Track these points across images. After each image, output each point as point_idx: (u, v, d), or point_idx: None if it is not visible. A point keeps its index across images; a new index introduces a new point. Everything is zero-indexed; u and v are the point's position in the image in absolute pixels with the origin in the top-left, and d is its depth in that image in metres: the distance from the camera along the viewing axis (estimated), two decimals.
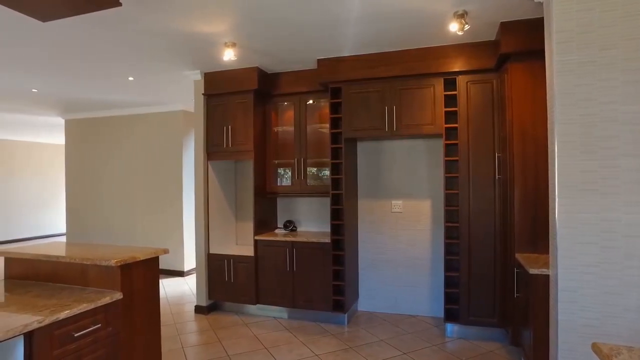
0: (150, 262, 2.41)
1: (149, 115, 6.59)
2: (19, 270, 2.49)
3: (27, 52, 3.87)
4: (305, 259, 4.18)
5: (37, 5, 2.36)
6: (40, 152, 10.77)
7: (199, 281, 4.57)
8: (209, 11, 2.98)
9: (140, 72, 4.56)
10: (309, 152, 4.47)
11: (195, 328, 4.12)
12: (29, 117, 7.38)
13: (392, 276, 4.43)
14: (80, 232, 7.18)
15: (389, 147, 4.47)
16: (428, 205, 4.33)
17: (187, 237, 6.32)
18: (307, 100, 4.47)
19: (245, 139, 4.37)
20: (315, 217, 4.72)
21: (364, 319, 4.29)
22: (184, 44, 3.66)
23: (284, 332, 3.96)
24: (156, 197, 6.52)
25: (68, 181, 7.34)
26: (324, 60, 4.07)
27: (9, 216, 10.04)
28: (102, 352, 2.05)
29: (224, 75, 4.44)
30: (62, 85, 5.15)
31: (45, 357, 1.78)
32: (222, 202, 4.80)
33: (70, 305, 1.93)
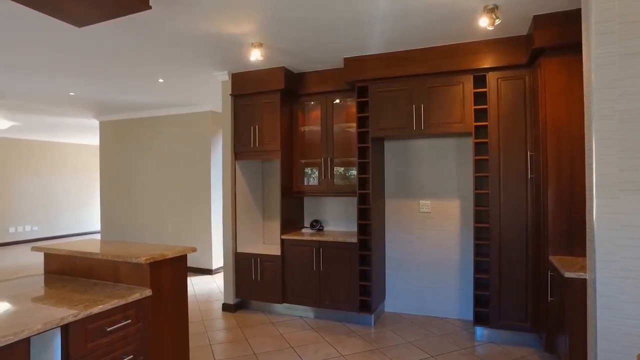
0: (178, 260, 2.46)
1: (178, 116, 6.74)
2: (57, 266, 2.58)
3: (65, 57, 4.03)
4: (332, 258, 4.16)
5: (73, 11, 2.44)
6: (77, 153, 11.20)
7: (227, 279, 4.63)
8: (236, 12, 3.02)
9: (169, 74, 4.66)
10: (336, 152, 4.46)
11: (223, 326, 4.18)
12: (66, 119, 7.69)
13: (419, 277, 4.36)
14: (113, 230, 7.42)
15: (416, 146, 4.40)
16: (457, 205, 4.24)
17: (215, 235, 6.42)
18: (334, 99, 4.46)
19: (272, 138, 4.40)
20: (342, 216, 4.70)
21: (390, 320, 4.24)
22: (211, 45, 3.71)
23: (310, 332, 3.96)
24: (185, 196, 6.65)
25: (102, 181, 7.60)
26: (350, 59, 4.05)
27: (49, 214, 10.49)
28: (133, 347, 2.10)
29: (251, 75, 4.48)
30: (97, 88, 5.32)
31: (80, 349, 1.84)
32: (249, 201, 4.85)
33: (103, 300, 1.99)
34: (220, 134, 6.50)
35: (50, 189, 10.53)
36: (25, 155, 10.02)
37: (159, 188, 6.93)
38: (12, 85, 5.17)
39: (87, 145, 11.34)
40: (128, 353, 2.07)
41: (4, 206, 9.38)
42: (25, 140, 10.00)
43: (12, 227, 9.71)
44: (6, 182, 9.48)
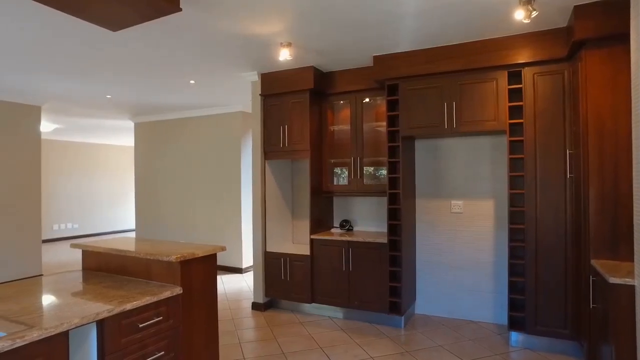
0: (208, 258, 2.48)
1: (209, 116, 6.86)
2: (94, 262, 2.67)
3: (102, 61, 4.17)
4: (362, 259, 4.12)
5: (108, 15, 2.52)
6: (113, 154, 11.61)
7: (256, 278, 4.67)
8: (265, 12, 3.03)
9: (200, 75, 4.75)
10: (366, 151, 4.41)
11: (252, 324, 4.21)
12: (104, 121, 7.98)
13: (451, 279, 4.26)
14: (147, 228, 7.64)
15: (448, 144, 4.29)
16: (490, 205, 4.10)
17: (245, 235, 6.50)
18: (363, 98, 4.41)
19: (301, 138, 4.40)
20: (372, 216, 4.65)
21: (421, 322, 4.16)
22: (241, 45, 3.75)
23: (339, 332, 3.94)
24: (216, 195, 6.76)
25: (137, 181, 7.84)
26: (380, 57, 3.99)
27: (88, 212, 10.93)
28: (164, 344, 2.14)
29: (280, 75, 4.50)
30: (132, 90, 5.49)
31: (115, 344, 1.89)
32: (278, 201, 4.87)
33: (136, 297, 2.03)
34: (250, 134, 6.57)
35: (89, 188, 10.97)
36: (67, 156, 10.47)
37: (190, 188, 7.08)
38: (55, 90, 5.41)
39: (123, 146, 11.74)
40: (160, 349, 2.11)
41: (49, 205, 9.82)
42: (66, 142, 10.46)
43: (56, 225, 10.18)
44: (50, 181, 9.93)
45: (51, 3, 2.29)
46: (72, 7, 2.36)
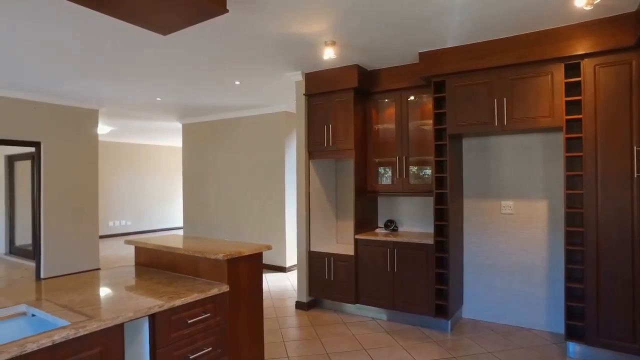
0: (254, 257, 2.51)
1: (253, 117, 6.98)
2: (145, 259, 2.78)
3: (152, 65, 4.34)
4: (407, 260, 4.03)
5: (158, 20, 2.60)
6: (163, 154, 12.10)
7: (300, 278, 4.68)
8: (309, 11, 3.02)
9: (245, 76, 4.83)
10: (411, 150, 4.31)
11: (296, 323, 4.23)
12: (154, 123, 8.33)
13: (501, 283, 4.07)
14: (194, 226, 7.89)
15: (498, 143, 4.11)
16: (544, 206, 3.89)
17: (289, 234, 6.55)
18: (409, 96, 4.32)
19: (345, 137, 4.37)
20: (418, 217, 4.54)
21: (468, 327, 4.01)
22: (285, 45, 3.77)
23: (384, 334, 3.87)
24: (261, 195, 6.87)
25: (185, 180, 8.12)
26: (426, 53, 3.88)
27: (140, 210, 11.46)
28: (211, 340, 2.18)
29: (324, 74, 4.49)
30: (180, 92, 5.68)
31: (165, 338, 1.94)
32: (323, 200, 4.86)
33: (185, 294, 2.08)
34: (294, 134, 6.62)
35: (141, 187, 11.49)
36: (120, 156, 11.03)
37: (236, 187, 7.23)
38: (111, 94, 5.70)
39: (172, 147, 12.21)
40: (208, 345, 2.15)
41: (105, 203, 10.38)
42: (120, 143, 11.02)
43: (111, 222, 10.75)
44: (106, 181, 10.49)
45: (104, 9, 2.40)
46: (123, 13, 2.46)
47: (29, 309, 1.93)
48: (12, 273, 6.84)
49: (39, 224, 5.97)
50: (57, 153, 6.07)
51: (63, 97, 5.97)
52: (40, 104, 5.86)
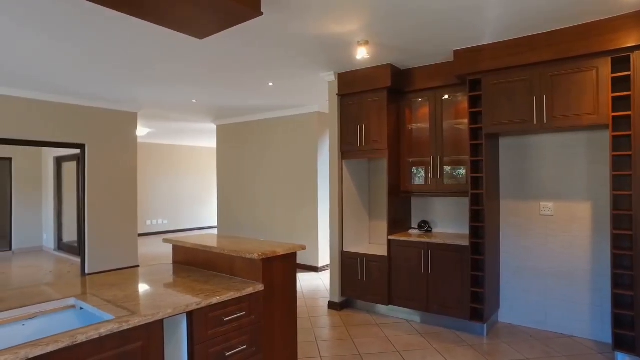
0: (289, 257, 2.53)
1: (286, 117, 7.05)
2: (182, 257, 2.86)
3: (189, 68, 4.46)
4: (441, 261, 3.96)
5: (195, 24, 2.67)
6: (198, 155, 12.41)
7: (333, 278, 4.69)
8: (342, 11, 3.02)
9: (278, 77, 4.88)
10: (445, 150, 4.24)
11: (328, 323, 4.24)
12: (189, 124, 8.56)
13: (540, 287, 3.93)
14: (228, 226, 8.05)
15: (537, 142, 3.97)
16: (587, 208, 3.72)
17: (321, 234, 6.58)
18: (443, 95, 4.24)
19: (379, 137, 4.34)
20: (452, 218, 4.45)
21: (505, 331, 3.89)
22: (318, 46, 3.78)
23: (417, 337, 3.82)
24: (293, 194, 6.93)
25: (219, 180, 8.29)
26: (461, 51, 3.80)
27: (175, 210, 11.80)
28: (246, 338, 2.22)
29: (357, 74, 4.47)
30: (215, 94, 5.81)
31: (202, 335, 1.99)
32: (355, 200, 4.85)
33: (221, 292, 2.13)
34: (326, 134, 6.64)
35: (176, 187, 11.83)
36: (157, 157, 11.40)
37: (268, 187, 7.32)
38: (149, 98, 5.91)
39: (207, 148, 12.50)
40: (243, 343, 2.19)
41: (143, 202, 10.75)
42: (157, 144, 11.38)
43: (149, 220, 11.13)
44: (144, 181, 10.87)
45: (144, 16, 2.49)
46: (161, 19, 2.54)
47: (77, 302, 2.03)
48: (60, 267, 7.21)
49: (84, 222, 6.26)
50: (99, 154, 6.35)
51: (105, 101, 6.23)
52: (84, 108, 6.15)
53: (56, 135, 5.90)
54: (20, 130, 5.55)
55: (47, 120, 5.79)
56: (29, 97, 5.57)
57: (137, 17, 2.51)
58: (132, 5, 2.38)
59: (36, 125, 5.69)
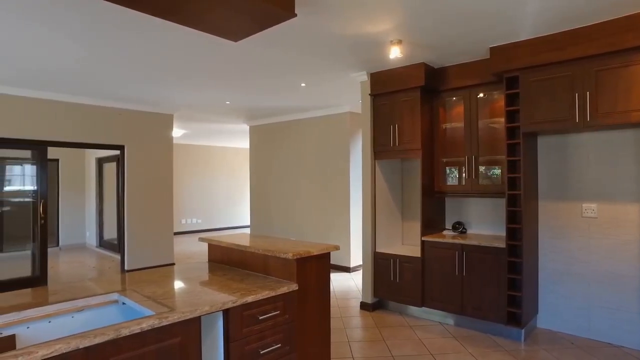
0: (322, 257, 2.54)
1: (318, 118, 7.08)
2: (218, 256, 2.92)
3: (223, 71, 4.56)
4: (476, 263, 3.87)
5: (230, 27, 2.73)
6: (230, 155, 12.64)
7: (365, 278, 4.67)
8: (375, 11, 3.00)
9: (310, 78, 4.91)
10: (481, 150, 4.14)
11: (360, 324, 4.22)
12: (222, 125, 8.74)
13: (582, 293, 3.77)
14: (260, 225, 8.16)
15: (578, 140, 3.81)
16: (635, 209, 3.54)
17: (353, 234, 6.56)
18: (478, 93, 4.14)
19: (412, 137, 4.29)
20: (488, 219, 4.34)
21: (545, 338, 3.76)
22: (351, 46, 3.78)
23: (451, 340, 3.75)
24: (325, 194, 6.94)
25: (251, 180, 8.42)
26: (498, 48, 3.70)
27: (209, 209, 12.06)
28: (280, 337, 2.24)
29: (389, 74, 4.44)
30: (248, 96, 5.90)
31: (237, 332, 2.03)
32: (388, 201, 4.81)
33: (256, 291, 2.16)
34: (358, 134, 6.61)
35: (209, 187, 12.09)
36: (191, 158, 11.69)
37: (300, 187, 7.37)
38: (185, 100, 6.07)
39: (239, 148, 12.71)
40: (277, 341, 2.22)
41: (178, 202, 11.07)
42: (191, 145, 11.67)
43: (184, 219, 11.44)
44: (179, 181, 11.18)
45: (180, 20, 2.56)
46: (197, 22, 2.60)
47: (120, 298, 2.11)
48: (102, 264, 7.53)
49: (123, 221, 6.50)
50: (138, 155, 6.58)
51: (143, 104, 6.45)
52: (123, 110, 6.39)
53: (98, 137, 6.16)
54: (67, 133, 5.82)
55: (90, 123, 6.05)
56: (74, 101, 5.84)
57: (175, 22, 2.59)
58: (171, 11, 2.45)
59: (80, 128, 5.96)
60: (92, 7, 2.90)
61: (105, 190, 8.89)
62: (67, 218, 9.10)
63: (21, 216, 6.26)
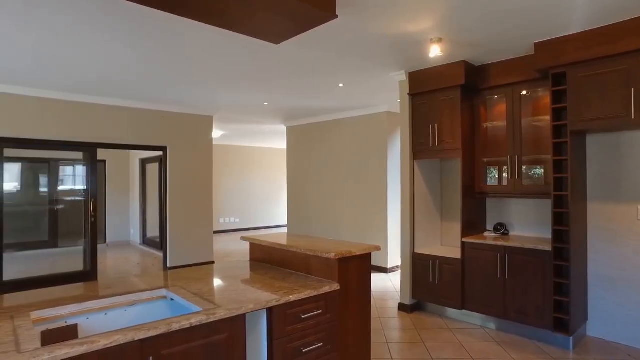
0: (364, 257, 2.55)
1: (355, 118, 7.06)
2: (259, 255, 2.98)
3: (263, 73, 4.64)
4: (519, 266, 3.75)
5: (272, 30, 2.78)
6: (268, 156, 12.82)
7: (404, 280, 4.63)
8: (416, 9, 2.97)
9: (348, 78, 4.91)
10: (524, 149, 4.01)
11: (398, 325, 4.19)
12: (260, 126, 8.88)
13: (638, 300, 3.56)
14: (297, 225, 8.23)
15: (633, 139, 3.61)
16: None
17: (391, 235, 6.51)
18: (521, 91, 4.02)
19: (452, 137, 4.21)
20: (531, 220, 4.20)
21: (596, 347, 3.59)
22: (389, 45, 3.75)
23: (493, 345, 3.65)
24: (362, 195, 6.92)
25: (289, 180, 8.51)
26: (543, 43, 3.57)
27: (246, 208, 12.29)
28: (322, 336, 2.26)
29: (428, 73, 4.38)
30: (286, 97, 5.98)
31: (281, 330, 2.07)
32: (427, 201, 4.75)
33: (299, 290, 2.19)
34: (396, 134, 6.55)
35: (247, 187, 12.31)
36: (230, 158, 11.94)
37: (338, 187, 7.39)
38: (224, 102, 6.23)
39: (276, 149, 12.88)
40: (319, 340, 2.24)
41: (216, 201, 11.33)
42: (229, 146, 11.93)
43: (222, 218, 11.71)
44: (217, 181, 11.45)
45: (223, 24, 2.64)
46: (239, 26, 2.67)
47: (168, 294, 2.20)
48: (145, 261, 7.83)
49: (165, 220, 6.74)
50: (179, 156, 6.80)
51: (185, 106, 6.66)
52: (166, 113, 6.62)
53: (143, 139, 6.41)
54: (114, 135, 6.11)
55: (135, 125, 6.31)
56: (120, 105, 6.11)
57: (219, 26, 2.66)
58: (215, 16, 2.52)
59: (126, 130, 6.23)
60: (140, 15, 3.03)
61: (148, 190, 9.24)
62: (113, 216, 9.53)
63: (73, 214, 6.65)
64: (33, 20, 3.11)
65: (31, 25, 3.20)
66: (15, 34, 3.38)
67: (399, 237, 5.84)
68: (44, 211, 7.11)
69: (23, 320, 1.74)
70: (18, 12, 2.96)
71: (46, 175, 7.19)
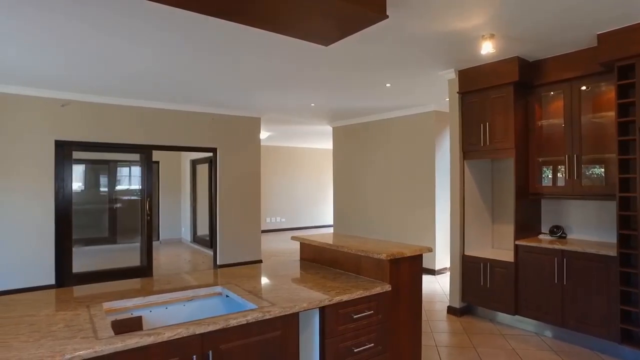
0: (415, 258, 2.52)
1: (402, 117, 6.98)
2: (309, 254, 3.02)
3: (311, 74, 4.69)
4: (579, 272, 3.56)
5: (321, 32, 2.81)
6: (314, 156, 12.92)
7: (453, 282, 4.52)
8: (468, 5, 2.90)
9: (396, 78, 4.86)
10: (583, 147, 3.80)
11: (448, 328, 4.10)
12: (306, 127, 8.98)
13: None
14: (343, 225, 8.25)
15: None
16: None
17: (439, 236, 6.38)
18: (581, 86, 3.80)
19: (504, 136, 4.06)
20: (592, 223, 3.97)
21: None
22: (439, 44, 3.68)
23: (549, 354, 3.49)
24: (410, 195, 6.83)
25: (335, 180, 8.54)
26: (608, 34, 3.36)
27: (292, 208, 12.45)
28: (373, 336, 2.26)
29: (479, 70, 4.25)
30: (333, 97, 6.01)
31: (333, 330, 2.09)
32: (477, 202, 4.61)
33: (350, 290, 2.21)
34: (444, 133, 6.41)
35: (293, 187, 12.48)
36: (277, 159, 12.15)
37: (384, 187, 7.33)
38: (272, 103, 6.35)
39: (322, 149, 12.96)
40: (370, 341, 2.24)
41: (263, 201, 11.52)
42: (276, 147, 12.14)
43: (268, 218, 11.93)
44: (264, 181, 11.65)
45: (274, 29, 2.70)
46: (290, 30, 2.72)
47: (223, 290, 2.28)
48: (196, 258, 8.14)
49: (215, 219, 6.97)
50: (228, 157, 7.01)
51: (233, 108, 6.86)
52: (216, 115, 6.85)
53: (194, 141, 6.67)
54: (168, 137, 6.40)
55: (187, 127, 6.58)
56: (173, 108, 6.40)
57: (270, 30, 2.73)
58: (266, 21, 2.59)
59: (179, 133, 6.51)
60: (192, 22, 3.16)
61: (198, 190, 9.59)
62: (165, 215, 9.98)
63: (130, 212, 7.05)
64: (104, 27, 3.32)
65: (101, 32, 3.42)
66: (87, 42, 3.63)
67: (447, 239, 5.70)
68: (104, 209, 7.60)
69: (97, 310, 1.88)
70: (94, 20, 3.17)
71: (106, 175, 7.68)
